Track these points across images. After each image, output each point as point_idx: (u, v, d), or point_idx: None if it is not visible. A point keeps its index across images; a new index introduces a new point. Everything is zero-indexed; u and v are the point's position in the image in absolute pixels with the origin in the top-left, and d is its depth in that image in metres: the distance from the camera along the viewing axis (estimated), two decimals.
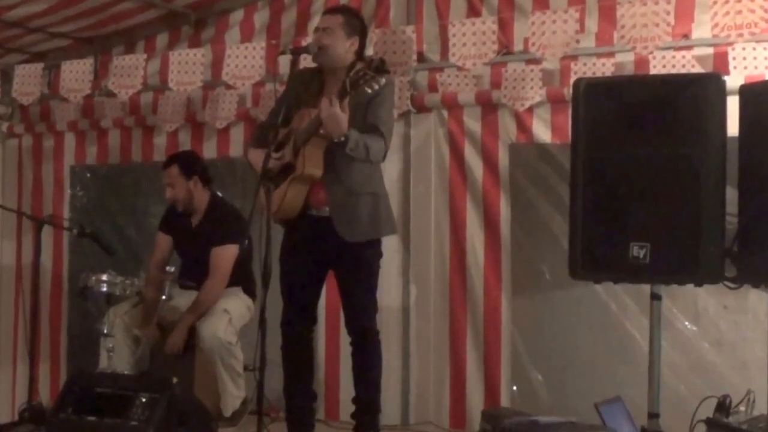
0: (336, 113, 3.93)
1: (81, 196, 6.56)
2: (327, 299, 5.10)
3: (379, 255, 4.39)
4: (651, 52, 4.68)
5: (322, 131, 4.06)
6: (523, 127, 5.15)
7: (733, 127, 3.82)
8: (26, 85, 6.14)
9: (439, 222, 5.36)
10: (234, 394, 4.97)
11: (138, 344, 5.17)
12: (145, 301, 5.16)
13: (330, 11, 4.47)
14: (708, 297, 4.69)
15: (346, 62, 4.25)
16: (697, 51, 4.72)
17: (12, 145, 6.76)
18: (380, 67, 3.88)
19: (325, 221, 4.24)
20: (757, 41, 4.52)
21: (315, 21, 5.54)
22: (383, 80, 3.91)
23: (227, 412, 4.93)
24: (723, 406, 3.82)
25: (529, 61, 5.08)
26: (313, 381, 4.53)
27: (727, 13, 4.46)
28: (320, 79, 4.37)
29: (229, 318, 4.95)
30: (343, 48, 4.27)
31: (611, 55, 4.90)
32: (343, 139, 3.99)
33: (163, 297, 5.00)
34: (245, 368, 5.00)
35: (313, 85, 4.36)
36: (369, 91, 3.89)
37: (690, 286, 3.95)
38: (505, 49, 5.14)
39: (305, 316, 4.42)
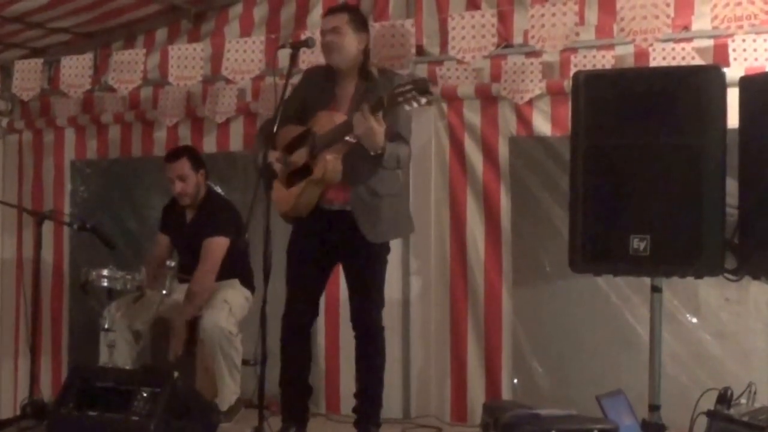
0: (374, 128, 3.91)
1: (81, 190, 6.55)
2: (327, 292, 5.10)
3: (388, 250, 4.43)
4: (651, 44, 4.67)
5: (347, 138, 4.05)
6: (523, 120, 5.15)
7: (733, 119, 3.81)
8: (26, 81, 6.13)
9: (439, 215, 5.36)
10: (231, 388, 4.97)
11: (139, 339, 5.18)
12: (148, 298, 5.15)
13: (333, 11, 4.43)
14: (709, 289, 4.70)
15: (357, 60, 4.27)
16: (697, 43, 4.71)
17: (12, 140, 6.75)
18: (425, 89, 3.83)
19: (337, 215, 4.26)
20: (757, 33, 4.52)
21: (314, 15, 5.58)
22: (423, 100, 3.87)
23: (224, 407, 4.94)
24: (724, 398, 3.82)
25: (528, 54, 5.07)
26: (310, 375, 4.54)
27: (727, 4, 4.46)
28: (332, 80, 4.37)
29: (230, 308, 4.97)
30: (355, 46, 4.28)
31: (611, 47, 4.90)
32: (380, 152, 4.00)
33: (164, 291, 5.00)
34: (245, 363, 5.00)
35: (327, 86, 4.36)
36: (407, 108, 3.87)
37: (691, 278, 3.95)
38: (505, 41, 5.13)
39: (309, 308, 4.43)
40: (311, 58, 5.20)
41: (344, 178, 4.18)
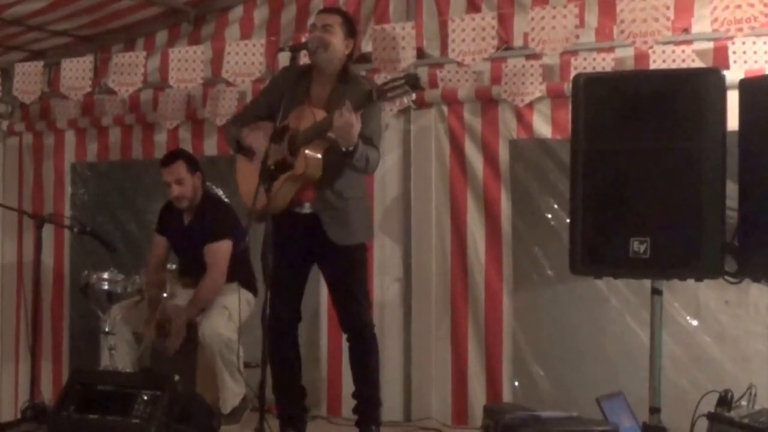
0: (352, 123, 3.92)
1: (82, 193, 6.56)
2: (329, 296, 5.08)
3: (365, 249, 4.42)
4: (651, 47, 4.68)
5: (330, 134, 4.05)
6: (524, 123, 5.16)
7: (733, 122, 3.81)
8: (26, 84, 6.14)
9: (439, 218, 5.36)
10: (233, 391, 4.96)
11: (139, 342, 5.17)
12: (149, 301, 5.15)
13: (327, 11, 4.51)
14: (709, 291, 4.70)
15: (339, 63, 4.27)
16: (697, 45, 4.72)
17: (12, 143, 6.76)
18: (416, 85, 3.90)
19: (310, 218, 4.25)
20: (757, 35, 4.53)
21: (314, 18, 5.57)
22: (414, 96, 3.90)
23: (226, 409, 4.93)
24: (725, 401, 3.82)
25: (529, 57, 5.08)
26: (302, 377, 4.51)
27: (727, 7, 4.47)
28: (308, 79, 4.36)
29: (229, 314, 4.95)
30: (342, 47, 4.29)
31: (611, 50, 4.91)
32: (351, 149, 4.00)
33: (165, 295, 4.99)
34: (247, 365, 5.00)
35: (302, 84, 4.35)
36: (397, 102, 3.89)
37: (691, 281, 3.96)
38: (505, 44, 5.14)
39: (292, 312, 4.41)
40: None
41: (324, 175, 4.18)
